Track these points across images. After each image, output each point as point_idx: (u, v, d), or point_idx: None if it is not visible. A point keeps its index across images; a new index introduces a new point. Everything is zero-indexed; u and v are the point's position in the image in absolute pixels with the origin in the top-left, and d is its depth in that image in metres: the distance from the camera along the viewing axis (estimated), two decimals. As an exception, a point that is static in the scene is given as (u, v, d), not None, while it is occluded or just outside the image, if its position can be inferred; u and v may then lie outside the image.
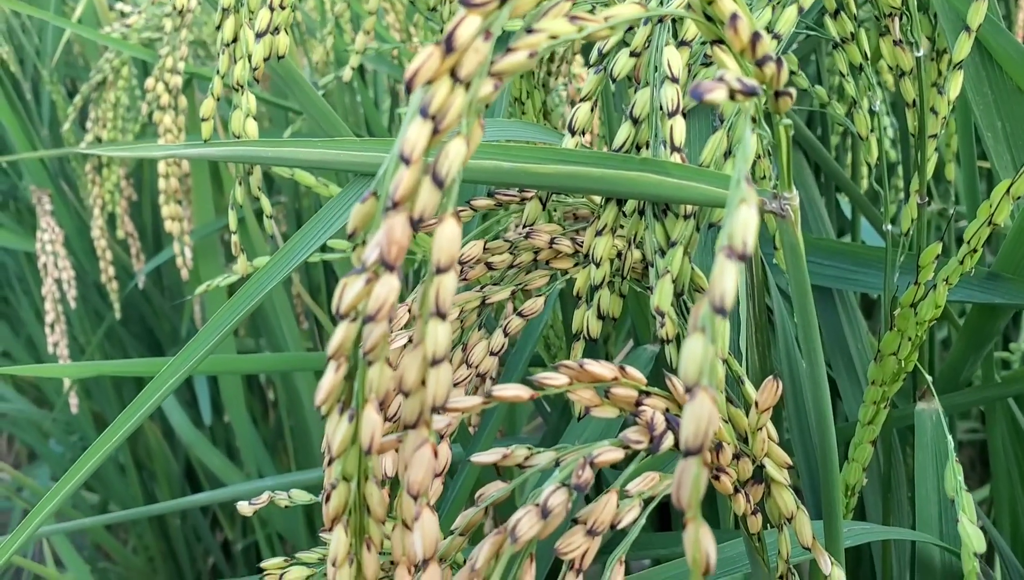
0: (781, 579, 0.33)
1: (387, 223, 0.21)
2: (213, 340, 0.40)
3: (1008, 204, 0.34)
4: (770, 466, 0.31)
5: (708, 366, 0.19)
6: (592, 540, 0.26)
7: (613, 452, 0.26)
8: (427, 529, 0.23)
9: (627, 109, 0.31)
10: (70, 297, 1.10)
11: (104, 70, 0.86)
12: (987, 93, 0.44)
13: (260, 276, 0.38)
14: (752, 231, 0.19)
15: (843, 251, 0.49)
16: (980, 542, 0.30)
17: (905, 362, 0.38)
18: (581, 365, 0.27)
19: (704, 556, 0.20)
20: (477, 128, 0.22)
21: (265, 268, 0.38)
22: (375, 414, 0.22)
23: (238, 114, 0.43)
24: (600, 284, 0.33)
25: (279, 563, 0.38)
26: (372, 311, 0.21)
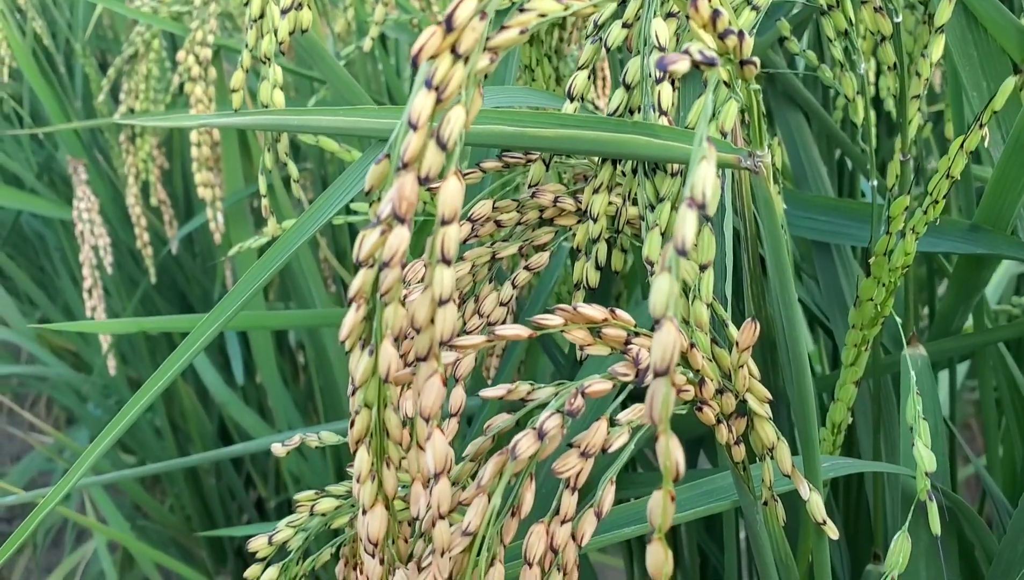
0: (765, 504, 0.37)
1: (398, 181, 0.24)
2: (245, 295, 0.43)
3: (963, 158, 0.37)
4: (752, 400, 0.34)
5: (673, 300, 0.22)
6: (585, 461, 0.29)
7: (602, 383, 0.29)
8: (437, 447, 0.26)
9: (621, 76, 0.34)
10: (107, 263, 1.14)
11: (136, 43, 0.89)
12: (973, 55, 0.46)
13: (288, 235, 0.42)
14: (710, 184, 0.22)
15: (837, 207, 0.52)
16: (932, 463, 0.33)
17: (882, 307, 0.41)
18: (575, 308, 0.30)
19: (674, 463, 0.23)
20: (476, 97, 0.25)
21: (293, 228, 0.42)
22: (391, 348, 0.25)
23: (266, 85, 0.46)
24: (598, 238, 0.36)
25: (310, 495, 0.41)
26: (387, 258, 0.25)
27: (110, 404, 1.63)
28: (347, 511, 0.41)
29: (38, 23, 1.24)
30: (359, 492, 0.28)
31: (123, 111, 0.93)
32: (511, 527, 0.30)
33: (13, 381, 2.01)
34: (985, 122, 0.36)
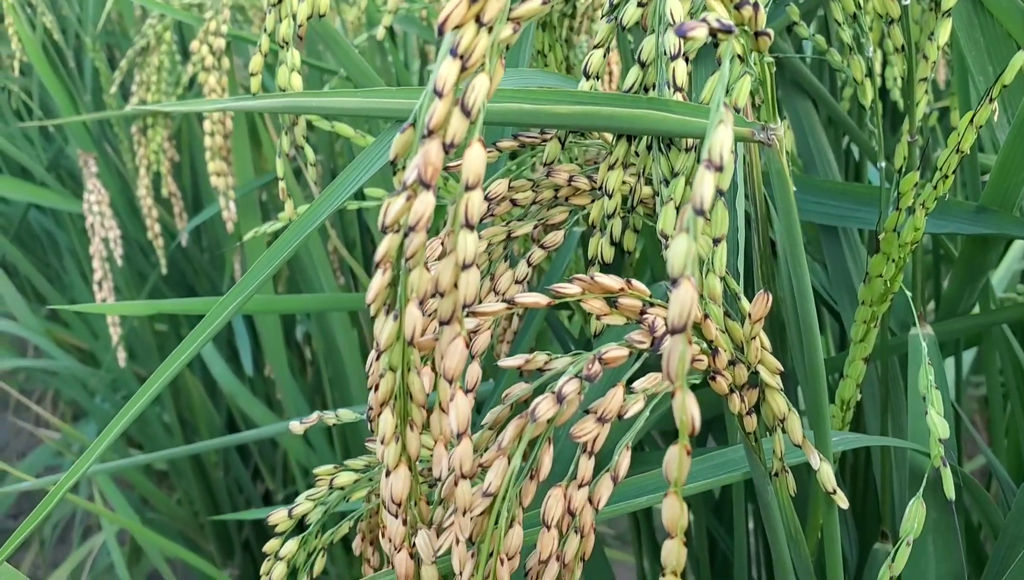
0: (776, 476, 0.37)
1: (424, 148, 0.25)
2: (261, 277, 0.43)
3: (972, 133, 0.38)
4: (763, 372, 0.35)
5: (692, 259, 0.23)
6: (602, 426, 0.30)
7: (619, 350, 0.30)
8: (460, 408, 0.27)
9: (635, 54, 0.35)
10: (117, 255, 1.15)
11: (148, 35, 0.90)
12: (979, 40, 0.47)
13: (306, 216, 0.42)
14: (727, 146, 0.23)
15: (845, 191, 0.53)
16: (945, 430, 0.34)
17: (891, 282, 0.41)
18: (592, 277, 0.31)
19: (690, 418, 0.24)
20: (499, 66, 0.26)
21: (311, 208, 0.42)
22: (416, 310, 0.26)
23: (283, 69, 0.47)
24: (612, 213, 0.37)
25: (329, 469, 0.42)
26: (413, 222, 0.25)
27: (118, 398, 1.64)
28: (365, 485, 0.42)
29: (48, 18, 1.25)
30: (383, 453, 0.29)
31: (135, 103, 0.94)
32: (530, 490, 0.31)
33: (20, 376, 2.02)
34: (995, 97, 0.37)
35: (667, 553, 0.25)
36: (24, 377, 2.10)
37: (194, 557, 1.07)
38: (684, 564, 0.25)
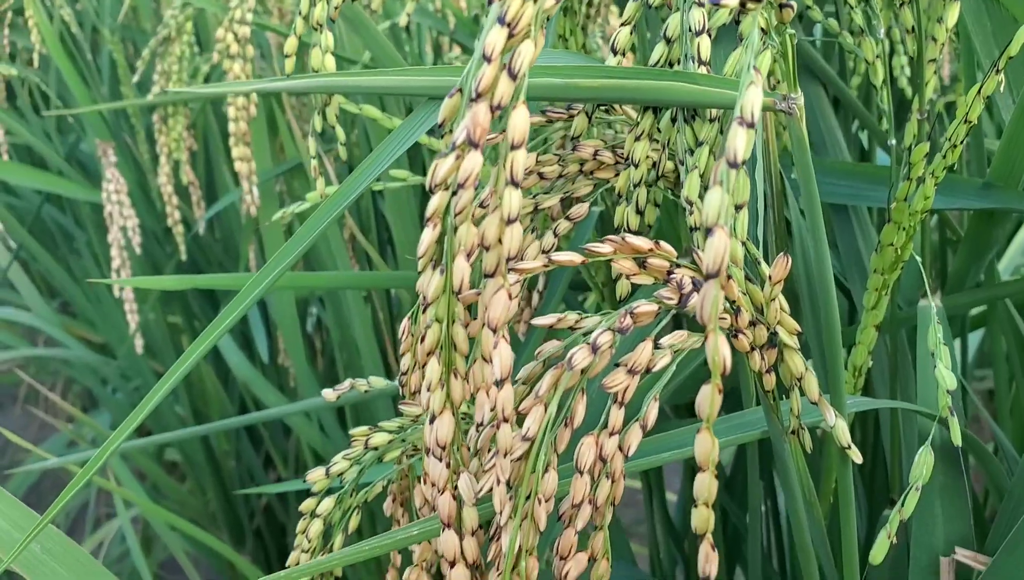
0: (793, 433, 0.39)
1: (472, 110, 0.27)
2: (295, 253, 0.45)
3: (980, 103, 0.39)
4: (782, 333, 0.37)
5: (725, 210, 0.25)
6: (632, 378, 0.32)
7: (649, 305, 0.32)
8: (503, 355, 0.29)
9: (661, 31, 0.37)
10: (135, 244, 1.17)
11: (169, 26, 0.92)
12: (986, 24, 0.49)
13: (343, 188, 0.44)
14: (758, 104, 0.24)
15: (855, 172, 0.55)
16: (952, 381, 0.36)
17: (901, 250, 0.43)
18: (623, 237, 0.33)
19: (721, 358, 0.26)
20: (540, 34, 0.28)
21: (346, 183, 0.44)
22: (464, 262, 0.28)
23: (317, 51, 0.49)
24: (638, 183, 0.39)
25: (364, 430, 0.44)
26: (462, 179, 0.27)
27: (131, 388, 1.66)
28: (398, 445, 0.44)
29: (65, 11, 1.27)
30: (428, 400, 0.31)
31: (156, 92, 0.96)
32: (564, 437, 0.33)
33: (29, 370, 2.04)
34: (1002, 68, 0.39)
35: (699, 486, 0.27)
36: (35, 369, 2.12)
37: (211, 538, 1.09)
38: (714, 495, 0.27)
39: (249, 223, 1.12)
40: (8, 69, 1.16)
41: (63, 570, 0.49)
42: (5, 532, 0.48)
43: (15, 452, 2.10)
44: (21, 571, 0.48)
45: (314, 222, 0.45)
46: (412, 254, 0.97)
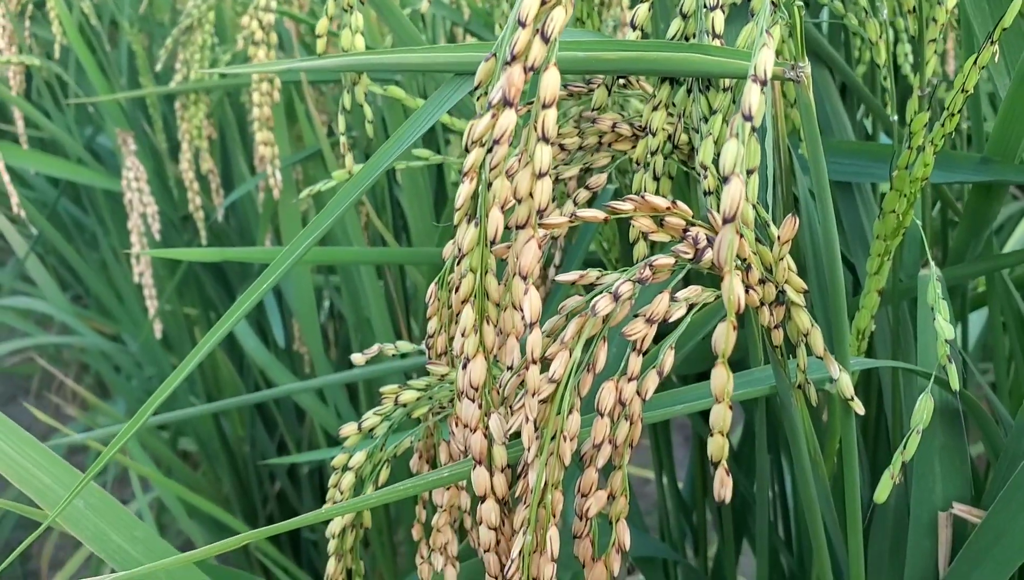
0: (799, 388, 0.42)
1: (508, 71, 0.29)
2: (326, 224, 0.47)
3: (976, 73, 0.42)
4: (790, 291, 0.39)
5: (741, 160, 0.27)
6: (650, 327, 0.35)
7: (666, 258, 0.34)
8: (532, 301, 0.32)
9: (678, 8, 0.39)
10: (155, 230, 1.19)
11: (192, 15, 0.95)
12: (984, 8, 0.51)
13: (373, 161, 0.46)
14: (770, 64, 0.27)
15: (860, 150, 0.57)
16: (950, 331, 0.38)
17: (903, 217, 0.46)
18: (643, 196, 0.35)
19: (736, 298, 0.28)
20: (570, 2, 0.30)
21: (376, 156, 0.46)
22: (498, 213, 0.31)
23: (347, 32, 0.51)
24: (656, 151, 0.41)
25: (394, 389, 0.46)
26: (498, 135, 0.30)
27: (145, 377, 1.68)
28: (425, 403, 0.47)
29: (85, 3, 1.30)
30: (463, 345, 0.33)
31: (179, 80, 0.99)
32: (586, 382, 0.35)
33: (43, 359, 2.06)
34: (996, 39, 0.41)
35: (715, 416, 0.29)
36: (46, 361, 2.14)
37: (226, 515, 1.11)
38: (728, 424, 0.29)
39: (266, 212, 1.15)
40: (31, 60, 1.19)
41: (104, 524, 0.51)
42: (49, 488, 0.50)
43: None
44: (65, 525, 0.50)
45: (347, 193, 0.47)
46: (427, 239, 1.00)
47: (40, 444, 0.51)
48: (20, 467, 0.51)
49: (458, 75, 0.46)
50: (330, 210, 0.48)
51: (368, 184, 0.47)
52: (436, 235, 0.97)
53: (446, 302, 0.44)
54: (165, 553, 0.50)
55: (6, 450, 0.51)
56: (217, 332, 0.48)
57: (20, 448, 0.51)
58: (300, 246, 0.48)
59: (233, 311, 0.49)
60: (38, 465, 0.51)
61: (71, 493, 0.46)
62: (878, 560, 0.54)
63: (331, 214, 0.47)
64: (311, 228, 0.48)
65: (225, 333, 0.49)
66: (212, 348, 0.48)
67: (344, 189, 0.48)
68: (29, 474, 0.50)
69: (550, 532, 0.34)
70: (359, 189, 0.47)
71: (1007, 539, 0.45)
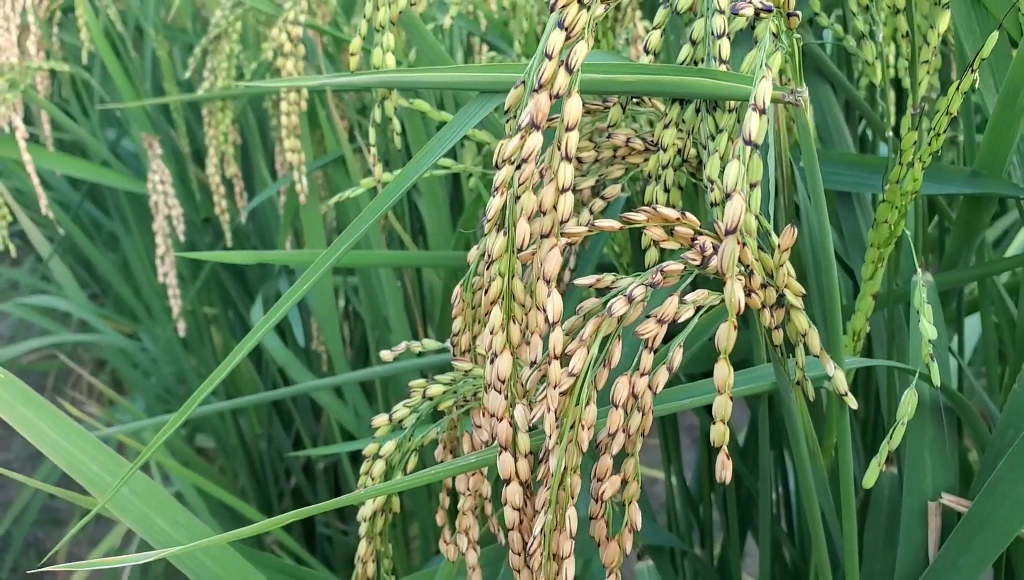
0: (798, 384, 0.45)
1: (535, 98, 0.33)
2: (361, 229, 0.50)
3: (959, 98, 0.45)
4: (789, 295, 0.43)
5: (742, 179, 0.31)
6: (660, 327, 0.38)
7: (676, 265, 0.38)
8: (555, 303, 0.35)
9: (687, 35, 0.43)
10: (179, 232, 1.23)
11: (220, 26, 0.99)
12: (975, 30, 0.55)
13: (406, 171, 0.50)
14: (768, 94, 0.30)
15: (859, 162, 0.61)
16: (932, 332, 0.41)
17: (895, 226, 0.49)
18: (655, 208, 0.39)
19: (737, 300, 0.32)
20: (590, 37, 0.34)
21: (409, 165, 0.50)
22: (526, 224, 0.34)
23: (378, 51, 0.55)
24: (667, 165, 0.45)
25: (422, 383, 0.50)
26: (526, 155, 0.33)
27: (163, 374, 1.72)
28: (451, 396, 0.50)
29: (112, 10, 1.34)
30: (491, 341, 0.37)
31: (206, 87, 1.03)
32: (602, 376, 0.39)
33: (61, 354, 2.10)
34: (976, 68, 0.45)
35: (717, 406, 0.33)
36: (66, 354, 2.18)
37: (245, 506, 1.15)
38: (728, 413, 0.33)
39: (287, 214, 1.19)
40: (61, 66, 1.23)
41: (149, 509, 0.55)
42: (98, 476, 0.54)
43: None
44: (113, 510, 0.54)
45: (379, 202, 0.50)
46: (443, 242, 1.03)
47: (90, 435, 0.55)
48: (72, 456, 0.54)
49: (483, 93, 0.50)
50: (364, 218, 0.51)
51: (398, 196, 0.50)
52: (452, 238, 1.01)
53: (470, 303, 0.48)
54: (205, 535, 0.53)
55: (58, 441, 0.54)
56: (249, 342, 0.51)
57: (71, 438, 0.55)
58: (335, 253, 0.52)
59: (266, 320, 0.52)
60: (88, 454, 0.54)
61: (121, 480, 0.50)
62: (873, 547, 0.57)
63: (364, 222, 0.51)
64: (346, 236, 0.51)
65: (257, 341, 0.52)
66: (243, 357, 0.51)
67: (377, 199, 0.51)
68: (80, 462, 0.54)
69: (569, 512, 0.38)
70: (390, 199, 0.51)
71: (991, 528, 0.48)
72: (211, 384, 0.50)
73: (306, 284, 0.51)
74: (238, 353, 0.50)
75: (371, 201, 0.48)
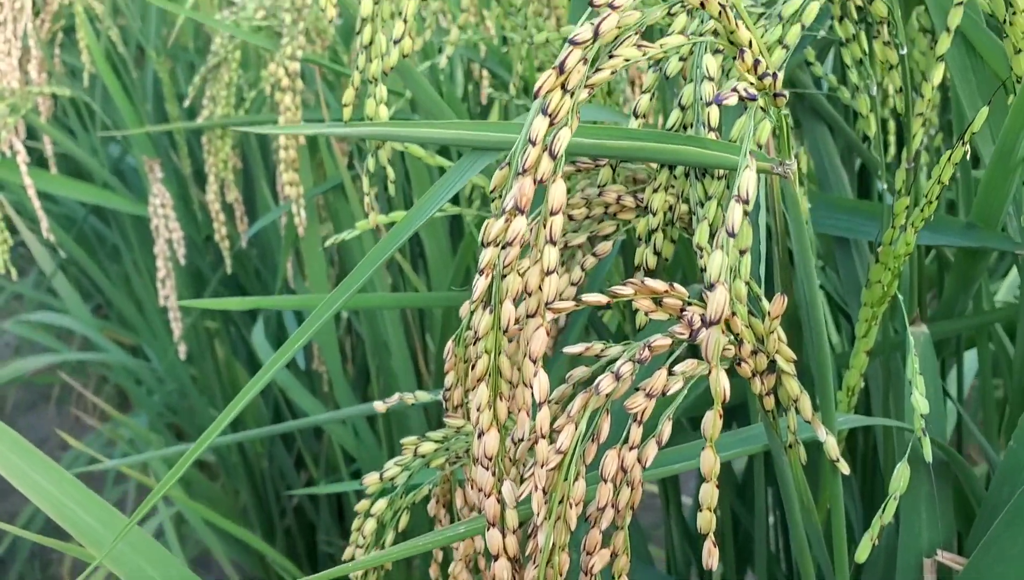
0: (790, 447, 0.45)
1: (519, 183, 0.33)
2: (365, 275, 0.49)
3: (950, 168, 0.45)
4: (780, 360, 0.42)
5: (725, 269, 0.31)
6: (649, 401, 0.38)
7: (664, 339, 0.38)
8: (542, 382, 0.35)
9: (676, 99, 0.42)
10: (180, 255, 1.24)
11: (219, 54, 0.99)
12: (971, 80, 0.55)
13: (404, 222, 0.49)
14: (753, 186, 0.30)
15: (855, 208, 0.60)
16: (925, 407, 0.41)
17: (888, 287, 0.49)
18: (643, 281, 0.38)
19: (722, 389, 0.31)
20: (575, 120, 0.34)
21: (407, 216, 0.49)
22: (511, 306, 0.34)
23: (371, 101, 0.55)
24: (656, 228, 0.44)
25: (413, 440, 0.50)
26: (510, 239, 0.33)
27: (166, 391, 1.72)
28: (443, 454, 0.50)
29: (113, 31, 1.34)
30: (478, 419, 0.37)
31: (205, 116, 1.03)
32: (591, 451, 0.38)
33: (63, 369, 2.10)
34: (967, 140, 0.45)
35: (703, 494, 0.33)
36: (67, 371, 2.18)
37: (246, 533, 1.15)
38: (716, 501, 0.33)
39: (288, 236, 1.19)
40: (62, 90, 1.23)
41: (143, 561, 0.55)
42: (94, 529, 0.54)
43: (52, 448, 2.16)
44: (110, 566, 0.54)
45: (378, 252, 0.49)
46: (443, 269, 1.03)
47: (81, 484, 0.55)
48: (63, 506, 0.54)
49: (475, 149, 0.50)
50: (362, 269, 0.50)
51: (395, 246, 0.50)
52: (452, 265, 1.01)
53: (462, 358, 0.47)
54: (200, 586, 0.53)
55: (49, 489, 0.54)
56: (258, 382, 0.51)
57: (62, 487, 0.54)
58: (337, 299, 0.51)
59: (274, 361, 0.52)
60: (81, 504, 0.54)
61: (117, 537, 0.50)
62: (869, 600, 0.57)
63: (363, 273, 0.50)
64: (348, 282, 0.50)
65: (266, 382, 0.52)
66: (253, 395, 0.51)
67: (377, 248, 0.50)
68: (72, 513, 0.54)
69: (557, 588, 0.37)
70: (388, 250, 0.50)
71: (986, 587, 0.48)
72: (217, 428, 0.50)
73: (310, 329, 0.51)
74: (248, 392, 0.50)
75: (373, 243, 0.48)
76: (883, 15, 0.46)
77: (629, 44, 0.33)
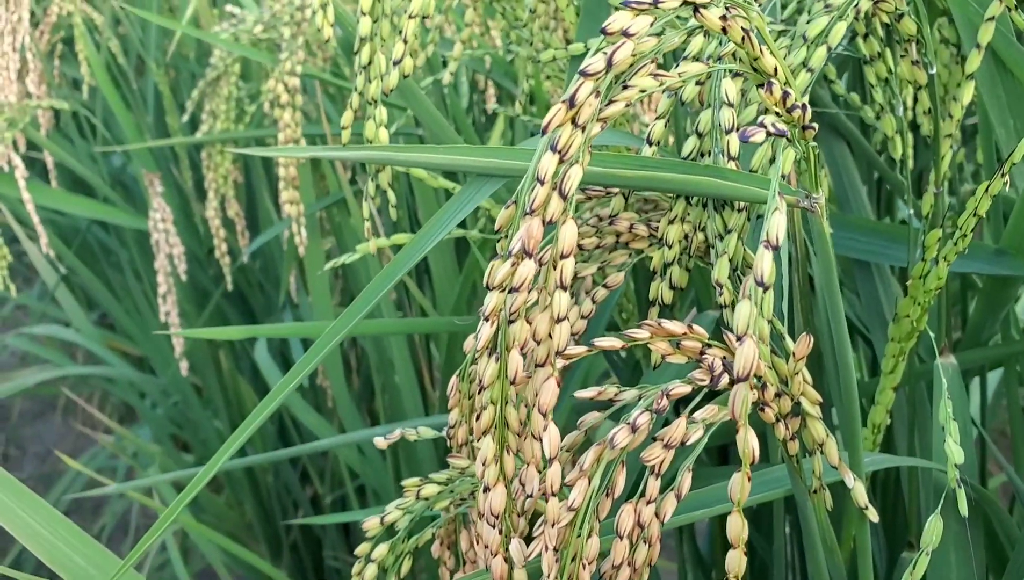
0: (815, 493, 0.42)
1: (527, 224, 0.30)
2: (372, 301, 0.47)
3: (988, 200, 0.42)
4: (805, 403, 0.40)
5: (753, 321, 0.28)
6: (667, 452, 0.35)
7: (683, 387, 0.35)
8: (552, 436, 0.32)
9: (694, 125, 0.40)
10: (180, 271, 1.21)
11: (218, 68, 0.96)
12: (1000, 96, 0.52)
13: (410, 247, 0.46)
14: (782, 230, 0.28)
15: (878, 230, 0.58)
16: (960, 455, 0.38)
17: (917, 322, 0.46)
18: (659, 323, 0.36)
19: (751, 450, 0.29)
20: (587, 156, 0.31)
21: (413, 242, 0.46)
22: (518, 355, 0.32)
23: (371, 124, 0.52)
24: (672, 262, 0.42)
25: (415, 482, 0.47)
26: (516, 284, 0.31)
27: (170, 403, 1.70)
28: (447, 496, 0.48)
29: (113, 42, 1.32)
30: (483, 473, 0.34)
31: (205, 130, 1.00)
32: (605, 506, 0.36)
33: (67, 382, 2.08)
34: (1007, 172, 0.42)
35: (731, 560, 0.30)
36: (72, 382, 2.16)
37: (250, 554, 1.13)
38: (743, 567, 0.30)
39: (290, 250, 1.16)
40: (61, 104, 1.21)
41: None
42: (84, 571, 0.51)
43: (56, 460, 2.15)
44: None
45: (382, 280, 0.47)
46: (448, 285, 1.01)
47: (74, 525, 0.53)
48: (54, 547, 0.52)
49: (479, 176, 0.47)
50: (367, 297, 0.48)
51: (401, 273, 0.47)
52: (457, 283, 0.99)
53: (467, 394, 0.45)
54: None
55: (40, 531, 0.52)
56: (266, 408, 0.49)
57: (54, 529, 0.52)
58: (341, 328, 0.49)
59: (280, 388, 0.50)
60: (72, 546, 0.52)
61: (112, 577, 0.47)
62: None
63: (368, 301, 0.48)
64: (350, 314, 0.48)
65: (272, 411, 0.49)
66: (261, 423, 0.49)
67: (380, 276, 0.48)
68: (64, 555, 0.52)
69: (569, 653, 0.35)
70: (393, 277, 0.48)
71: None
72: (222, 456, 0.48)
73: (315, 358, 0.49)
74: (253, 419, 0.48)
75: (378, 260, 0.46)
76: (912, 33, 0.44)
77: (645, 73, 0.31)
